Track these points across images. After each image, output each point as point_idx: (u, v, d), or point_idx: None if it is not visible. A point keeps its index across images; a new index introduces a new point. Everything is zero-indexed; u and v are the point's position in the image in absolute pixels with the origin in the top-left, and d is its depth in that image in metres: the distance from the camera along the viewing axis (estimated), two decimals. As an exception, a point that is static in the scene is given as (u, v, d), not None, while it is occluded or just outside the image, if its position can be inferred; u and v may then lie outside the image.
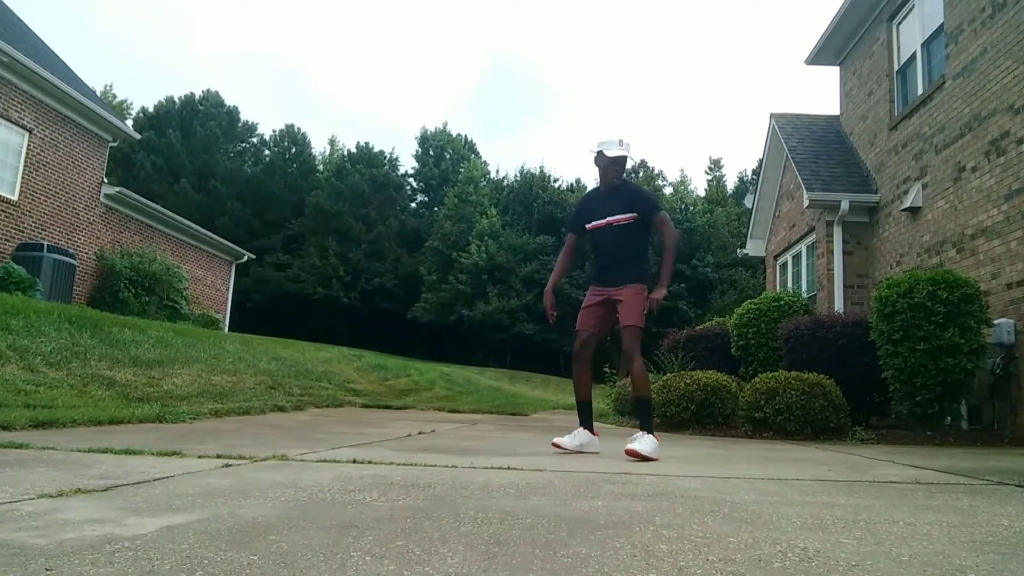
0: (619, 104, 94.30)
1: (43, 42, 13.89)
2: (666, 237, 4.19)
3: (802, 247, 10.85)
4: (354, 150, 48.27)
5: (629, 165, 4.42)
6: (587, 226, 4.27)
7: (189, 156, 44.38)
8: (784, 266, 11.82)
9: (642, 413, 4.08)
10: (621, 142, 4.21)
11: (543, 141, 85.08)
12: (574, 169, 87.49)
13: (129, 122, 38.93)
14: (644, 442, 3.71)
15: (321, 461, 3.11)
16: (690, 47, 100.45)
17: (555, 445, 4.10)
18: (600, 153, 4.19)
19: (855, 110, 10.41)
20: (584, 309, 4.22)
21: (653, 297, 4.00)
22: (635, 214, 4.13)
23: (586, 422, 4.18)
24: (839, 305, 9.08)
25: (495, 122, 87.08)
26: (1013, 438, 5.96)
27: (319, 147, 53.50)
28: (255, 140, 50.72)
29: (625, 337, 3.98)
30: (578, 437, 4.11)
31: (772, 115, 11.48)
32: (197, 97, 48.18)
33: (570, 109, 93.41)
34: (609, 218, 4.15)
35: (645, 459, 3.62)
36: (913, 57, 8.84)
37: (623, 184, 4.30)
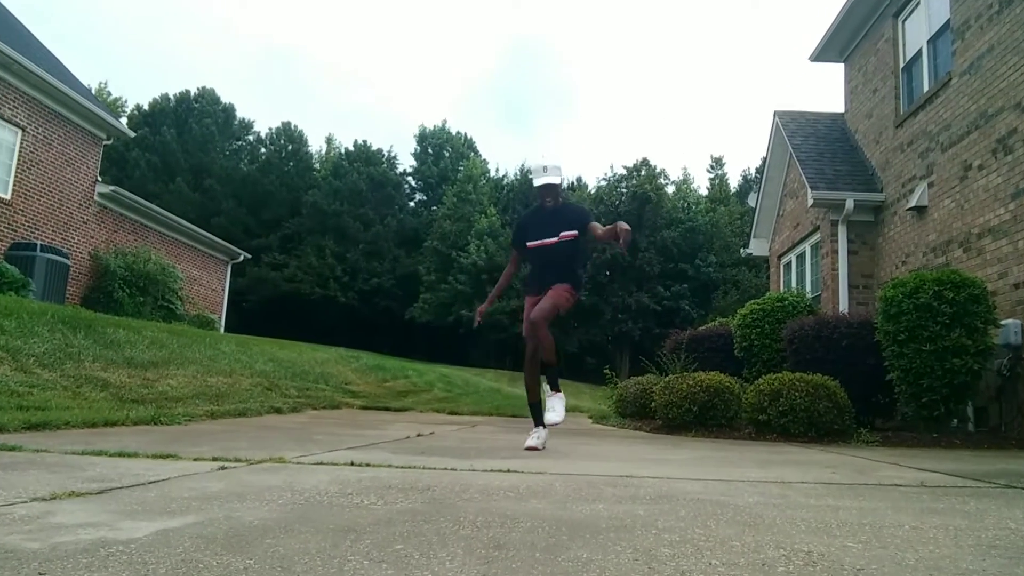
0: (621, 101, 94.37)
1: (37, 39, 13.90)
2: (601, 232, 4.39)
3: (806, 246, 10.85)
4: (352, 148, 48.25)
5: (561, 182, 4.70)
6: (528, 244, 4.60)
7: (184, 154, 44.37)
8: (788, 266, 11.82)
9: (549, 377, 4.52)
10: (545, 168, 4.54)
11: (543, 139, 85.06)
12: (575, 167, 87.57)
13: (124, 120, 38.98)
14: (557, 405, 4.35)
15: (318, 464, 3.11)
16: (692, 44, 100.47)
17: (530, 447, 4.30)
18: (532, 181, 4.63)
19: (860, 107, 10.41)
20: (528, 310, 4.51)
21: (620, 230, 4.01)
22: (575, 231, 4.51)
23: (538, 420, 4.53)
24: (844, 305, 9.08)
25: (495, 119, 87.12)
26: (1020, 440, 5.96)
27: (316, 145, 53.55)
28: (251, 138, 50.70)
29: (543, 305, 4.31)
30: (542, 434, 4.45)
31: (776, 112, 11.49)
32: (192, 94, 48.17)
33: (573, 107, 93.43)
34: (554, 238, 4.50)
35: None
36: (919, 54, 8.84)
37: (562, 205, 4.65)
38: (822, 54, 11.02)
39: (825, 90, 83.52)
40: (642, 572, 1.43)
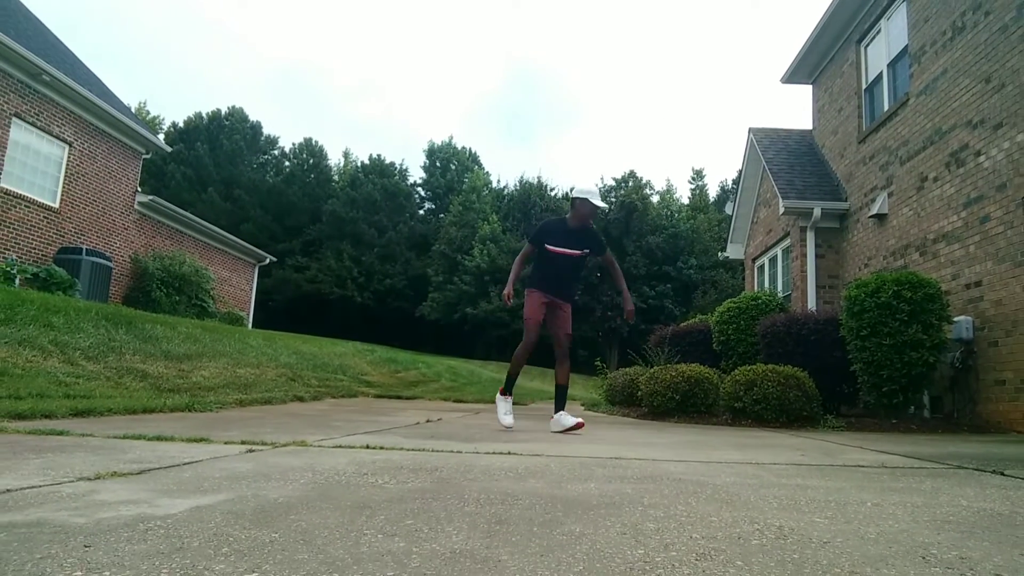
0: (611, 117, 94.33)
1: (81, 62, 13.88)
2: (616, 270, 5.07)
3: (778, 250, 10.85)
4: (367, 161, 48.28)
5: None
6: (549, 248, 4.75)
7: (216, 167, 44.37)
8: (762, 268, 11.82)
9: (564, 397, 4.84)
10: (596, 194, 4.84)
11: (541, 153, 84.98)
12: (568, 178, 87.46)
13: (161, 136, 38.96)
14: (569, 416, 4.60)
15: (337, 447, 3.10)
16: (676, 66, 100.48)
17: (505, 426, 4.71)
18: (586, 200, 4.71)
19: (827, 125, 10.41)
20: (539, 305, 4.75)
21: (629, 310, 4.93)
22: (588, 250, 4.82)
23: (509, 389, 4.92)
24: (812, 304, 9.08)
25: (497, 134, 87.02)
26: (971, 426, 5.96)
27: (335, 159, 53.59)
28: (276, 152, 50.74)
29: (565, 342, 4.78)
30: (508, 406, 4.85)
31: (750, 129, 11.48)
32: (223, 113, 48.20)
33: (567, 123, 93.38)
34: (576, 250, 4.77)
35: (580, 424, 4.52)
36: (880, 76, 8.84)
37: (592, 228, 4.91)
38: (792, 76, 11.01)
39: (795, 109, 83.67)
40: (630, 544, 1.43)
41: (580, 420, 4.62)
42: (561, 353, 4.74)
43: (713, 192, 47.39)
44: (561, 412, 4.67)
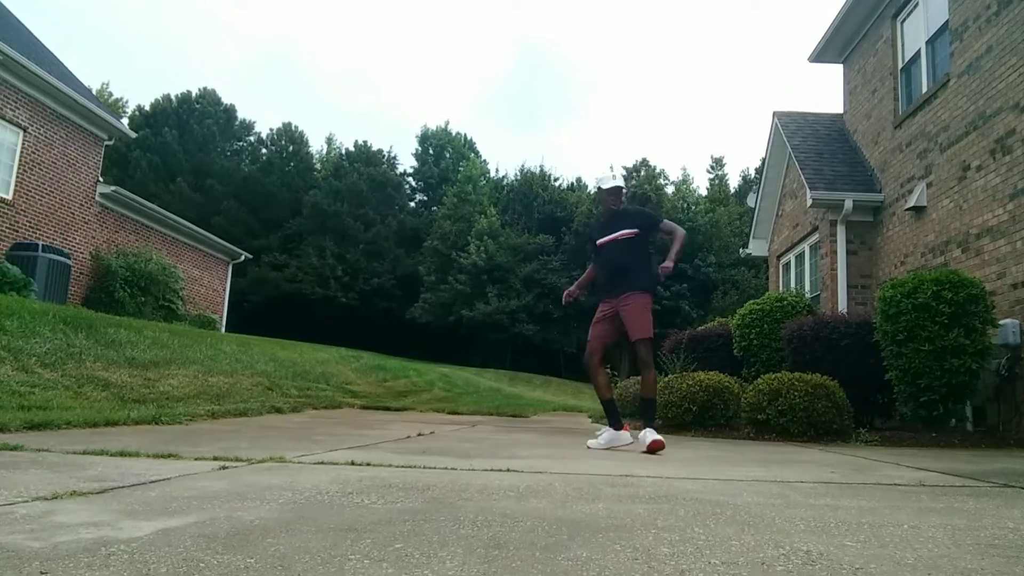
0: (621, 102, 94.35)
1: (39, 40, 13.90)
2: (676, 237, 4.86)
3: (805, 247, 10.85)
4: (352, 149, 48.24)
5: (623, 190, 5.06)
6: (598, 243, 4.98)
7: (185, 155, 44.36)
8: (787, 266, 11.82)
9: (651, 411, 4.74)
10: (615, 176, 5.11)
11: (546, 141, 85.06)
12: (574, 168, 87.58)
13: (125, 120, 38.95)
14: (652, 434, 4.36)
15: (319, 463, 3.11)
16: (691, 44, 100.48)
17: (588, 447, 4.60)
18: (599, 188, 5.01)
19: (859, 108, 10.41)
20: (595, 324, 4.88)
21: (663, 266, 4.62)
22: (637, 229, 4.82)
23: (612, 420, 4.77)
24: (843, 305, 9.08)
25: (498, 121, 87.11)
26: (1018, 440, 5.95)
27: (317, 146, 53.53)
28: (252, 139, 50.67)
29: (640, 350, 4.65)
30: (603, 436, 4.67)
31: (775, 113, 11.48)
32: (194, 95, 48.15)
33: (574, 109, 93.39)
34: (615, 234, 4.83)
35: (657, 444, 4.24)
36: (917, 55, 8.84)
37: (623, 209, 5.01)
38: (821, 55, 11.01)
39: (824, 91, 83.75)
40: (642, 571, 1.43)
41: (659, 438, 4.31)
42: (639, 361, 4.67)
43: (734, 183, 47.35)
44: (646, 429, 4.47)
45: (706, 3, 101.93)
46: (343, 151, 49.80)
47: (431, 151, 51.03)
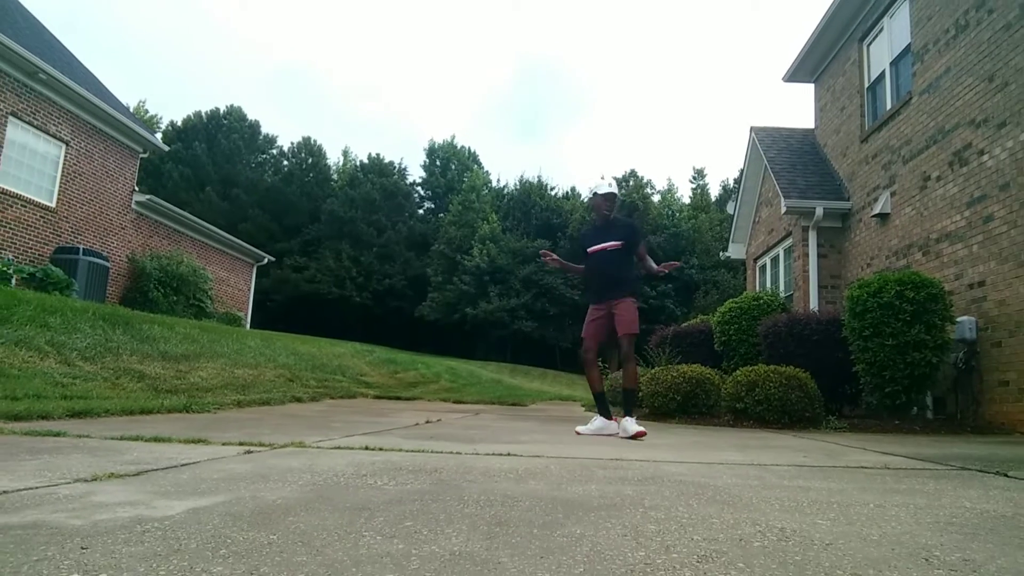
0: (613, 116, 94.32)
1: (79, 60, 13.89)
2: (645, 263, 4.99)
3: (780, 250, 10.85)
4: (366, 161, 48.25)
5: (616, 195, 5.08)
6: (588, 251, 4.97)
7: (214, 166, 44.37)
8: (763, 268, 11.82)
9: (631, 400, 4.77)
10: (610, 183, 5.00)
11: (543, 152, 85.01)
12: (569, 177, 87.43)
13: (159, 135, 38.93)
14: (633, 423, 4.41)
15: (336, 448, 3.10)
16: (677, 64, 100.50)
17: (577, 432, 4.65)
18: (594, 194, 5.00)
19: (829, 124, 10.41)
20: (588, 324, 4.92)
21: (672, 264, 5.00)
22: (623, 241, 4.86)
23: (602, 410, 4.80)
24: (814, 304, 9.08)
25: (499, 133, 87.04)
26: (974, 427, 5.96)
27: (333, 158, 53.56)
28: (275, 152, 50.73)
29: (624, 344, 4.66)
30: (594, 423, 4.73)
31: (752, 128, 11.48)
32: (222, 112, 48.21)
33: (569, 123, 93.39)
34: (604, 244, 4.87)
35: (640, 434, 4.28)
36: (882, 75, 8.84)
37: (614, 219, 5.00)
38: (794, 75, 11.01)
39: (797, 108, 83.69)
40: (631, 546, 1.43)
41: (642, 429, 4.37)
42: (622, 355, 4.67)
43: (715, 191, 47.38)
44: (627, 418, 4.51)
45: (691, 27, 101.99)
46: (358, 163, 49.85)
47: (438, 163, 51.06)
